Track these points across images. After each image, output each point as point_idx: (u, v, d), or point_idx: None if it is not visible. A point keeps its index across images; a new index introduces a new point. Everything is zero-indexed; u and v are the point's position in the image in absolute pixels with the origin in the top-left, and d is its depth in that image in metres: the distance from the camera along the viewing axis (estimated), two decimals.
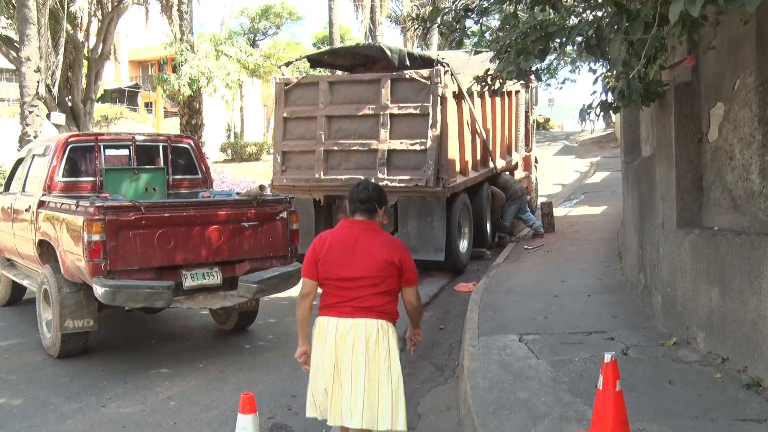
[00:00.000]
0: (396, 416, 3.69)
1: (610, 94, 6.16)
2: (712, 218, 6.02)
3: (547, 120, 48.56)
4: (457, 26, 5.41)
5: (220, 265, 6.45)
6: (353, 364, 3.68)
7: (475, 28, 6.86)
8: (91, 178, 7.33)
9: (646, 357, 5.89)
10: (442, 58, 10.76)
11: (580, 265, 10.45)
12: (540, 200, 18.02)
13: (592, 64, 51.02)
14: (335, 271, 3.79)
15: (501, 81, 6.14)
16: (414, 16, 32.78)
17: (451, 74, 10.55)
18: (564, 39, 4.32)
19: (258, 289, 6.34)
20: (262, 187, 6.57)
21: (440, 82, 10.27)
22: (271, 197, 6.89)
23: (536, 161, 18.25)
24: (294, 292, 7.79)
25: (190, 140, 8.13)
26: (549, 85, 48.41)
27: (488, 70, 6.31)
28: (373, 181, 10.48)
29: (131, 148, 7.54)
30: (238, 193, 7.40)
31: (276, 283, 6.53)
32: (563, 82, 54.20)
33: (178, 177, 7.94)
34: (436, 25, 5.74)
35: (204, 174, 8.12)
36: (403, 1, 35.73)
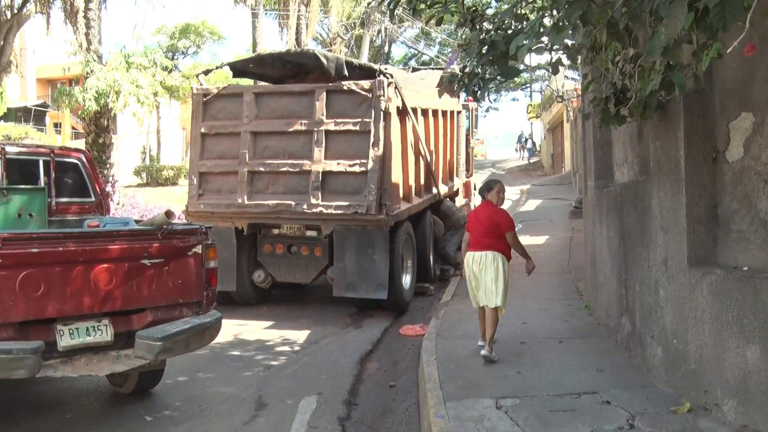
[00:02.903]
0: (498, 299, 6.65)
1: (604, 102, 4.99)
2: (734, 255, 4.90)
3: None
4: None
5: (111, 317, 4.87)
6: (483, 274, 6.62)
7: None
8: None
9: (661, 431, 4.67)
10: (386, 68, 9.51)
11: (539, 303, 9.30)
12: None
13: (515, 93, 51.04)
14: (475, 227, 6.74)
15: (487, 78, 4.80)
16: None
17: (395, 87, 9.30)
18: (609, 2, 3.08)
19: (162, 348, 4.80)
20: (169, 214, 5.06)
21: (383, 95, 9.01)
22: (181, 227, 5.36)
23: (475, 188, 17.24)
24: (216, 341, 6.22)
25: (81, 154, 6.50)
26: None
27: (464, 67, 5.01)
28: (305, 207, 9.24)
29: (0, 162, 5.88)
30: (138, 221, 5.85)
31: (186, 338, 4.99)
32: (487, 110, 54.15)
33: (64, 200, 6.31)
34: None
35: (98, 197, 6.52)
36: (330, 23, 34.65)
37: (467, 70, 4.76)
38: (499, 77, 4.61)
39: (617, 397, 5.35)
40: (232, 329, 8.45)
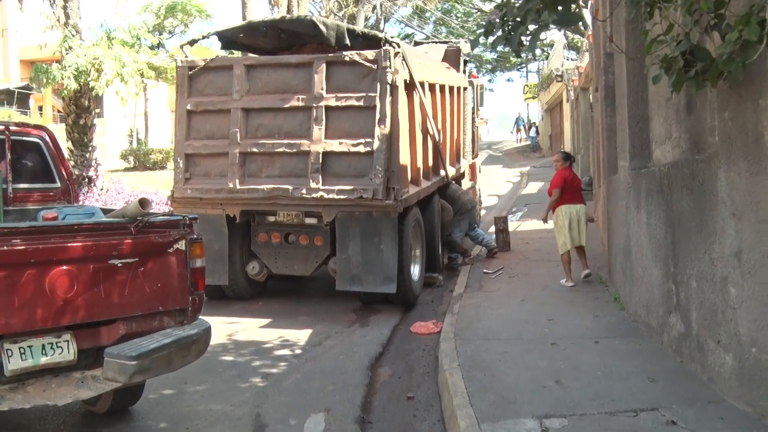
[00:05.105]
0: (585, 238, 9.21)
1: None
2: None
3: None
4: None
5: (73, 331, 3.97)
6: (580, 222, 9.01)
7: None
8: None
9: None
10: (391, 37, 8.56)
11: (562, 296, 8.52)
12: (482, 212, 16.17)
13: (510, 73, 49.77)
14: (570, 186, 9.08)
15: (538, 27, 3.82)
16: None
17: (402, 58, 8.37)
18: None
19: (137, 368, 3.89)
20: (144, 203, 4.12)
21: (389, 67, 8.09)
22: (160, 218, 4.43)
23: (480, 170, 16.37)
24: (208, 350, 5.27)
25: (43, 132, 5.55)
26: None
27: (504, 15, 4.00)
28: (304, 192, 8.32)
29: None
30: (106, 211, 4.91)
31: (168, 355, 4.08)
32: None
33: (23, 186, 5.38)
34: None
35: (64, 182, 5.58)
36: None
37: (508, 18, 3.80)
38: (553, 25, 3.70)
39: (684, 417, 4.50)
40: (225, 329, 7.59)
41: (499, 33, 3.87)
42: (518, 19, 3.68)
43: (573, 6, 3.46)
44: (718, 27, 3.88)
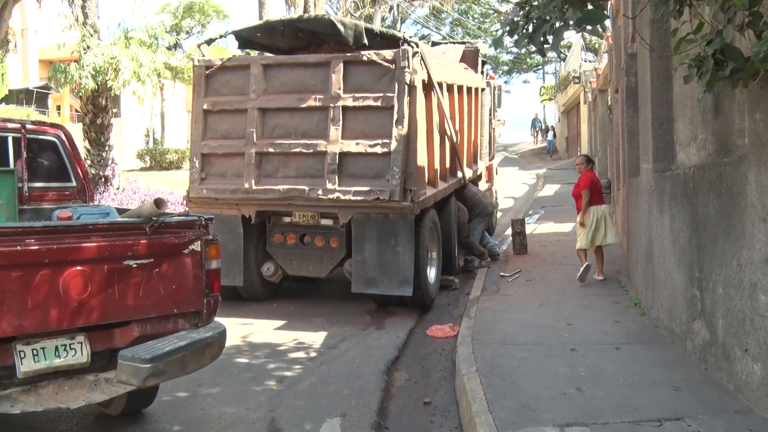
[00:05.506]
0: (613, 238, 9.47)
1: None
2: None
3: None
4: None
5: (87, 332, 3.91)
6: (606, 221, 9.30)
7: None
8: None
9: None
10: (410, 37, 8.46)
11: (580, 300, 8.35)
12: (498, 215, 16.03)
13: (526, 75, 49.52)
14: (595, 187, 9.35)
15: (561, 25, 3.67)
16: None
17: (421, 57, 8.28)
18: None
19: (151, 371, 3.81)
20: (159, 203, 4.05)
21: (408, 67, 7.99)
22: (176, 219, 4.36)
23: (497, 171, 16.23)
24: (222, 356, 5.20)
25: (59, 131, 5.50)
26: None
27: (528, 13, 3.84)
28: (320, 192, 8.24)
29: None
30: (121, 211, 4.85)
31: (182, 358, 4.00)
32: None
33: (39, 185, 5.33)
34: None
35: (80, 181, 5.52)
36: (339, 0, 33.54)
37: (532, 15, 3.67)
38: (576, 23, 3.57)
39: (710, 427, 4.37)
40: (239, 330, 7.52)
41: (522, 32, 3.73)
42: (543, 17, 3.56)
43: (601, 2, 3.34)
44: (753, 24, 3.76)
